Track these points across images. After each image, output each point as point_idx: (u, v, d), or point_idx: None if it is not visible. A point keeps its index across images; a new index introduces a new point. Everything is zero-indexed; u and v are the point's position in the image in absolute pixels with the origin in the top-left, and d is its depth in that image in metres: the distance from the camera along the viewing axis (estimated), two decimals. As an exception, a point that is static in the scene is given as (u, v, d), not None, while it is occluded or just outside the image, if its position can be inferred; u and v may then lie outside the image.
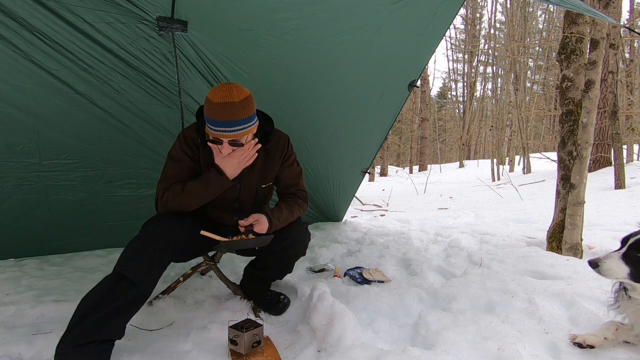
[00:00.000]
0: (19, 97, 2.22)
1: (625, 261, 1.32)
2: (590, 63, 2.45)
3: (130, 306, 1.42)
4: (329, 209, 4.09)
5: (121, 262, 1.43)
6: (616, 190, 5.92)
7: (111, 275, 1.42)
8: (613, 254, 1.35)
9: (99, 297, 1.37)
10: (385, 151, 20.38)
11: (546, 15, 19.15)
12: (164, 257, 1.50)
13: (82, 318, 1.32)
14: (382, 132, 3.55)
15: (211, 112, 1.47)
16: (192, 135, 1.66)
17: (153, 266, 1.46)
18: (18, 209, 2.59)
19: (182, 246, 1.56)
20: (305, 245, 1.87)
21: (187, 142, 1.65)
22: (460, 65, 27.22)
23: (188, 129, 1.70)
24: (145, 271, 1.43)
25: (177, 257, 1.61)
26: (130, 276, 1.39)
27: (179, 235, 1.54)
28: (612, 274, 1.33)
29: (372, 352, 1.39)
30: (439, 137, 26.79)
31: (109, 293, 1.38)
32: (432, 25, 2.58)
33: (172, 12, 2.10)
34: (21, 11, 1.94)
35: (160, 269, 1.50)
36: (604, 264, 1.33)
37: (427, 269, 2.41)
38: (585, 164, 2.48)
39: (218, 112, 1.45)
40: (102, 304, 1.35)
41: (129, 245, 1.47)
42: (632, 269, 1.31)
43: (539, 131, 21.52)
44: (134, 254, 1.44)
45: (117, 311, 1.37)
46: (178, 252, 1.56)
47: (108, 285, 1.40)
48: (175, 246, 1.52)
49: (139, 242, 1.47)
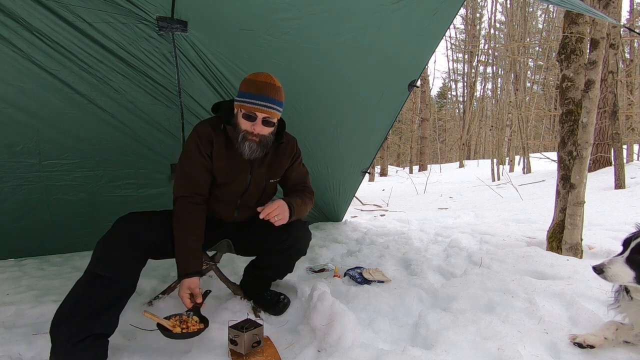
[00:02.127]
0: (19, 97, 2.22)
1: (630, 265, 1.30)
2: (590, 63, 2.45)
3: (115, 302, 1.41)
4: (329, 209, 4.09)
5: (93, 261, 1.42)
6: (616, 190, 5.92)
7: (85, 274, 1.41)
8: (617, 259, 1.34)
9: (80, 296, 1.37)
10: (385, 151, 20.39)
11: (546, 15, 19.14)
12: (137, 252, 1.48)
13: (69, 317, 1.32)
14: (382, 132, 3.55)
15: (255, 87, 1.58)
16: (207, 131, 1.68)
17: (126, 261, 1.45)
18: (18, 209, 2.59)
19: (158, 242, 1.55)
20: (306, 244, 1.87)
21: (202, 139, 1.66)
22: (460, 65, 27.26)
23: (203, 125, 1.71)
24: (119, 267, 1.42)
25: (155, 253, 1.58)
26: (105, 274, 1.39)
27: (149, 229, 1.53)
28: (617, 279, 1.32)
29: (372, 352, 1.39)
30: (439, 137, 26.78)
31: (89, 292, 1.37)
32: (432, 25, 2.58)
33: (172, 12, 2.10)
34: (21, 11, 1.94)
35: (136, 264, 1.49)
36: (609, 269, 1.32)
37: (427, 269, 2.41)
38: (585, 164, 2.48)
39: (262, 88, 1.58)
40: (87, 302, 1.35)
41: (98, 243, 1.46)
42: (637, 273, 1.29)
43: (539, 131, 21.52)
44: (103, 251, 1.44)
45: (104, 307, 1.37)
46: (153, 247, 1.54)
47: (86, 285, 1.39)
48: (146, 240, 1.51)
49: (108, 238, 1.46)
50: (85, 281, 1.40)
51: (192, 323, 1.47)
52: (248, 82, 1.61)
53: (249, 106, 1.58)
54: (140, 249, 1.49)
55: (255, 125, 1.60)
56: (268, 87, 1.59)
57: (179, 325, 1.44)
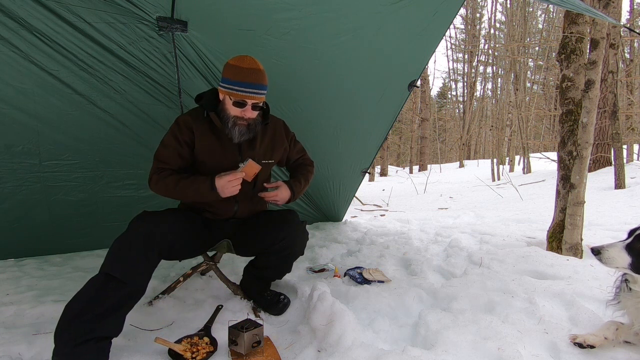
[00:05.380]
0: (19, 98, 2.22)
1: (628, 251, 1.32)
2: (590, 63, 2.44)
3: (123, 304, 1.41)
4: (329, 209, 4.09)
5: (107, 261, 1.42)
6: (616, 190, 5.92)
7: (98, 275, 1.41)
8: (617, 243, 1.35)
9: (90, 297, 1.36)
10: (385, 151, 20.39)
11: (546, 15, 19.14)
12: (151, 254, 1.48)
13: (75, 317, 1.32)
14: (382, 132, 3.55)
15: (241, 75, 1.61)
16: (186, 120, 1.73)
17: (140, 264, 1.45)
18: (18, 209, 2.59)
19: (172, 243, 1.55)
20: (303, 244, 1.87)
21: (181, 127, 1.72)
22: (460, 65, 27.24)
23: (183, 115, 1.78)
24: (133, 269, 1.42)
25: (167, 254, 1.59)
26: (118, 276, 1.38)
27: (164, 232, 1.53)
28: (613, 262, 1.33)
29: (372, 352, 1.38)
30: (439, 137, 26.78)
31: (99, 293, 1.37)
32: (432, 25, 2.58)
33: (172, 12, 2.10)
34: (21, 11, 1.93)
35: (149, 266, 1.49)
36: (606, 252, 1.33)
37: (427, 269, 2.41)
38: (585, 163, 2.48)
39: (249, 75, 1.61)
40: (95, 304, 1.34)
41: (113, 244, 1.45)
42: (633, 259, 1.30)
43: (539, 131, 21.53)
44: (119, 252, 1.43)
45: (111, 309, 1.37)
46: (167, 249, 1.54)
47: (98, 285, 1.39)
48: (161, 243, 1.51)
49: (123, 240, 1.45)
50: (97, 281, 1.40)
51: (203, 345, 1.50)
52: (233, 69, 1.63)
53: (238, 94, 1.62)
54: (154, 251, 1.49)
55: (245, 111, 1.66)
56: (254, 73, 1.63)
57: (189, 349, 1.47)
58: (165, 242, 1.52)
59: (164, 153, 1.72)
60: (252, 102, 1.65)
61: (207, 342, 1.53)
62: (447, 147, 30.21)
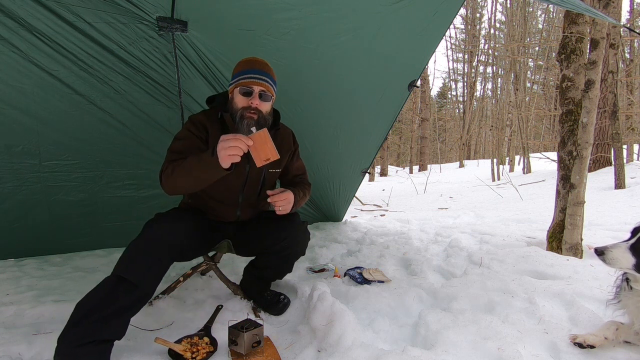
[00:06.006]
0: (19, 98, 2.22)
1: (633, 252, 1.29)
2: (590, 63, 2.44)
3: (131, 307, 1.41)
4: (329, 209, 4.09)
5: (121, 264, 1.42)
6: (616, 190, 5.92)
7: (111, 277, 1.41)
8: (621, 244, 1.33)
9: (100, 298, 1.36)
10: (385, 151, 20.39)
11: (546, 15, 19.14)
12: (165, 258, 1.49)
13: (82, 318, 1.32)
14: (382, 132, 3.55)
15: (246, 64, 1.68)
16: (200, 118, 1.72)
17: (154, 267, 1.45)
18: (18, 209, 2.59)
19: (183, 246, 1.56)
20: (305, 244, 1.87)
21: (195, 124, 1.70)
22: (460, 65, 27.23)
23: (196, 114, 1.77)
24: (146, 273, 1.42)
25: (178, 257, 1.60)
26: (131, 278, 1.38)
27: (179, 235, 1.53)
28: (616, 263, 1.31)
29: (372, 352, 1.38)
30: (439, 137, 26.78)
31: (110, 295, 1.37)
32: (432, 25, 2.58)
33: (172, 12, 2.10)
34: (21, 11, 1.94)
35: (161, 269, 1.49)
36: (610, 252, 1.31)
37: (427, 269, 2.41)
38: (585, 163, 2.48)
39: (254, 64, 1.68)
40: (104, 306, 1.34)
41: (129, 246, 1.46)
42: (638, 260, 1.28)
43: (539, 131, 21.52)
44: (135, 255, 1.43)
45: (118, 312, 1.37)
46: (179, 252, 1.55)
47: (109, 287, 1.39)
48: (175, 247, 1.51)
49: (140, 243, 1.45)
50: (109, 283, 1.40)
51: (203, 346, 1.50)
52: (239, 64, 1.71)
53: (244, 81, 1.64)
54: (166, 254, 1.49)
55: (253, 99, 1.63)
56: (259, 63, 1.69)
57: (189, 349, 1.47)
58: (179, 245, 1.52)
59: (179, 145, 1.66)
60: (259, 90, 1.63)
61: (207, 342, 1.53)
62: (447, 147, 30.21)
